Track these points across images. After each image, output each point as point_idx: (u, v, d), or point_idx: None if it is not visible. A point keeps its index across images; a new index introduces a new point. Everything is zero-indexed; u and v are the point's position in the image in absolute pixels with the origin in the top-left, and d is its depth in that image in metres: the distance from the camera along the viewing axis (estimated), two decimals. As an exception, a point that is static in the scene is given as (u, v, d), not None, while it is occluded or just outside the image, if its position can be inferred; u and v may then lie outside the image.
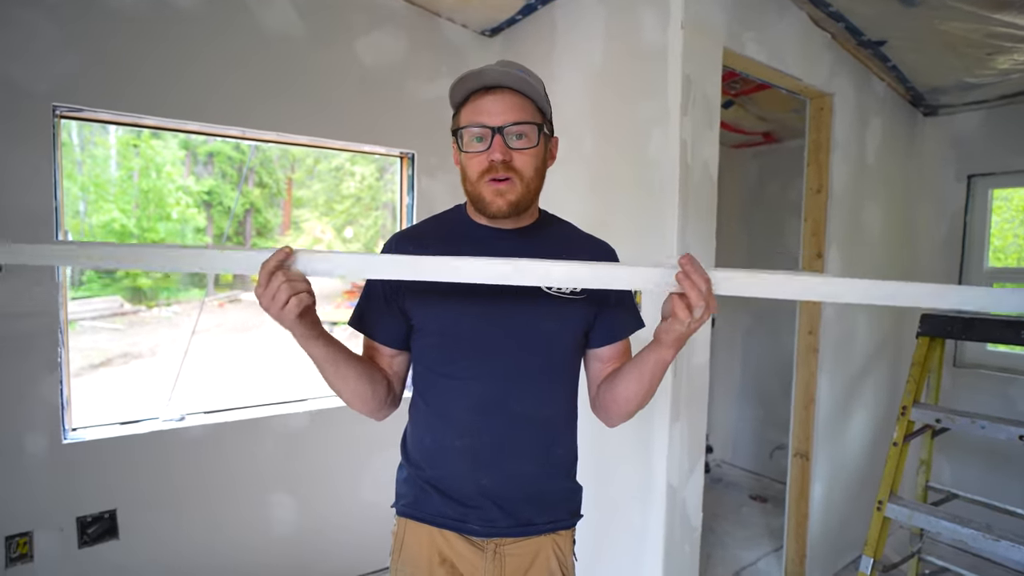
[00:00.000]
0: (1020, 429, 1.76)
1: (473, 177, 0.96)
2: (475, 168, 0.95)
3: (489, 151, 0.92)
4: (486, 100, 0.93)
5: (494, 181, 0.94)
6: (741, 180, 4.00)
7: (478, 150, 0.94)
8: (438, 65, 2.53)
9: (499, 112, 0.93)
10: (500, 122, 0.92)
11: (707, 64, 1.85)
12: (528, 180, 0.96)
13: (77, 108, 1.81)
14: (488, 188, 0.94)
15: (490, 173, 0.93)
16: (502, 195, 0.94)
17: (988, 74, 2.45)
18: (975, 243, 3.00)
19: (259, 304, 0.82)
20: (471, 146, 0.94)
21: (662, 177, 1.82)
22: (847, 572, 2.67)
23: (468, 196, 1.00)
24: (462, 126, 0.95)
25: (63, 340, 1.86)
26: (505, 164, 0.93)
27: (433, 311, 0.99)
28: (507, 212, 0.95)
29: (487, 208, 0.96)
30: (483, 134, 0.93)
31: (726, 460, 4.10)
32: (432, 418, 1.03)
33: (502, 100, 0.93)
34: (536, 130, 0.95)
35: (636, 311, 1.12)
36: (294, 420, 2.28)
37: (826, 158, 2.42)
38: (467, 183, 0.98)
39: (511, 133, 0.93)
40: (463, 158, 0.97)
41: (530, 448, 1.01)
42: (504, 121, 0.92)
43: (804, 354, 2.52)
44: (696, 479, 1.96)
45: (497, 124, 0.92)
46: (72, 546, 1.85)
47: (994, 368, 2.91)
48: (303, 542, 2.31)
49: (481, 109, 0.93)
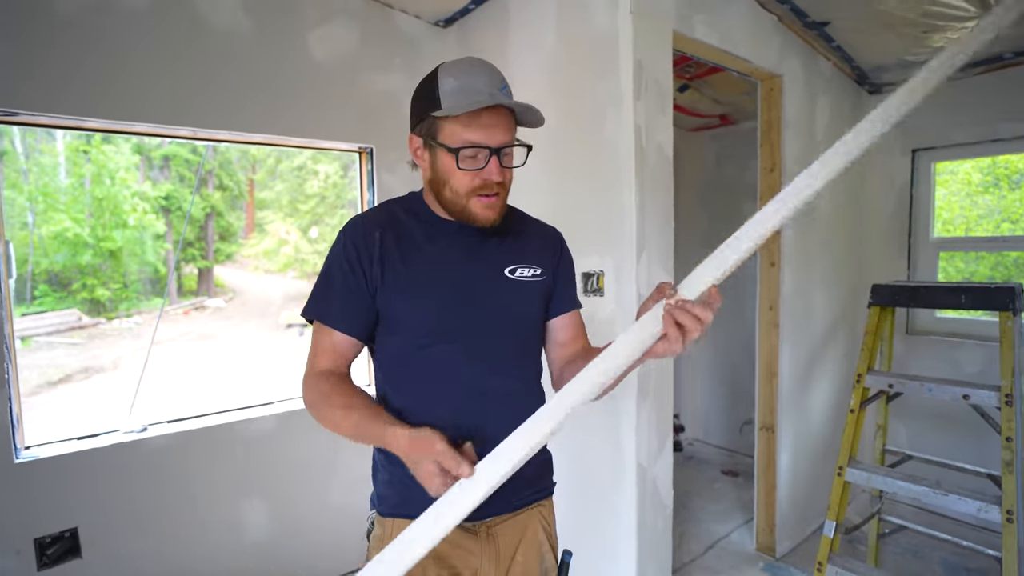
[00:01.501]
0: (963, 389, 1.85)
1: (461, 190, 0.96)
2: (465, 183, 0.95)
3: (485, 171, 0.94)
4: (485, 118, 0.92)
5: (484, 197, 0.96)
6: (699, 162, 4.07)
7: (473, 167, 0.94)
8: (392, 57, 2.50)
9: (498, 132, 0.93)
10: (498, 143, 0.94)
11: (658, 49, 1.87)
12: (508, 191, 1.01)
13: (11, 112, 1.73)
14: (478, 203, 0.96)
15: (483, 190, 0.95)
16: (492, 209, 0.97)
17: (925, 52, 2.54)
18: (921, 215, 3.13)
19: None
20: (465, 162, 0.94)
21: (619, 162, 1.84)
22: (815, 537, 2.77)
23: (448, 205, 0.99)
24: (462, 145, 0.93)
25: (9, 356, 1.78)
26: (499, 183, 0.96)
27: (401, 303, 0.98)
28: (496, 222, 0.99)
29: (475, 220, 0.97)
30: (479, 152, 0.94)
31: (698, 438, 4.20)
32: (410, 411, 1.01)
33: (499, 118, 0.94)
34: (522, 149, 1.00)
35: (575, 291, 1.18)
36: (261, 424, 2.24)
37: (778, 137, 2.48)
38: (447, 191, 0.97)
39: (505, 153, 0.96)
40: (445, 167, 0.96)
41: (510, 425, 1.02)
42: (501, 142, 0.94)
43: (765, 329, 2.59)
44: (666, 457, 2.00)
45: (496, 144, 0.93)
46: (31, 569, 1.79)
47: (943, 334, 3.04)
48: (276, 546, 2.28)
49: (481, 127, 0.92)
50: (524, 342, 1.07)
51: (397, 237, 1.01)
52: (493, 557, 1.03)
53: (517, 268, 1.05)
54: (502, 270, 1.04)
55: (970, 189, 3.28)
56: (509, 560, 1.05)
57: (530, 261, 1.07)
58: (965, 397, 1.84)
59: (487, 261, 1.04)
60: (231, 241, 12.91)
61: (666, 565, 2.04)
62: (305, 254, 12.33)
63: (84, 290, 9.93)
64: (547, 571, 1.10)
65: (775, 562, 2.55)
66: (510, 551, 1.05)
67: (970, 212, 3.28)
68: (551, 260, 1.12)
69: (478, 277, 1.01)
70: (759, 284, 2.60)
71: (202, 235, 12.17)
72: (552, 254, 1.13)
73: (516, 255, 1.06)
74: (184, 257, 11.63)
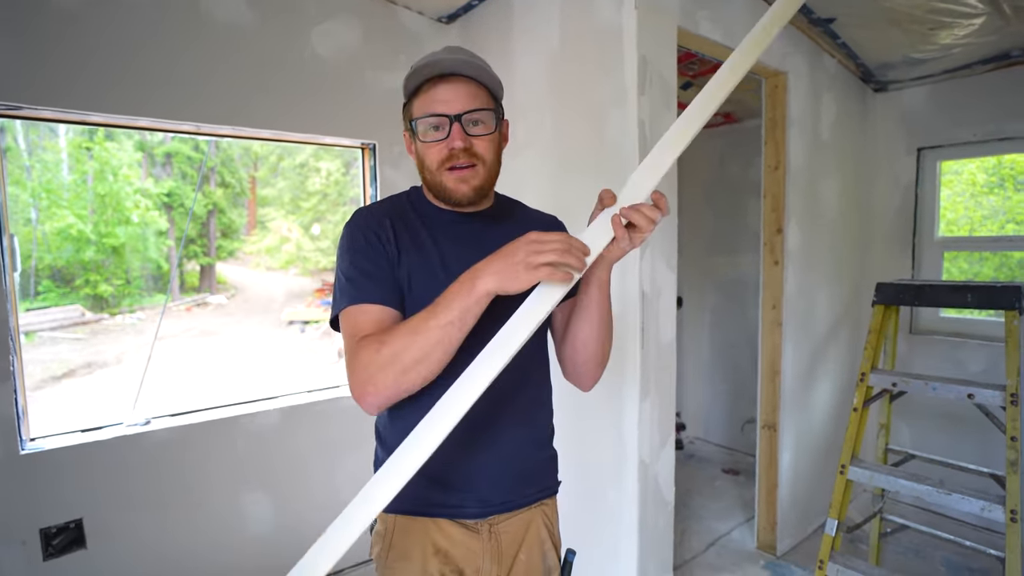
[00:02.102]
0: (968, 388, 1.85)
1: (433, 166, 0.95)
2: (434, 157, 0.95)
3: (448, 139, 0.93)
4: (441, 89, 0.93)
5: (455, 169, 0.94)
6: (704, 161, 4.06)
7: (436, 139, 0.94)
8: (395, 53, 2.49)
9: (456, 100, 0.92)
10: (458, 109, 0.92)
11: (662, 43, 1.86)
12: (490, 165, 0.98)
13: (14, 106, 1.73)
14: (449, 177, 0.95)
15: (451, 161, 0.94)
16: (466, 182, 0.95)
17: (932, 49, 2.53)
18: (926, 214, 3.12)
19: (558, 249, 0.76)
20: (428, 135, 0.94)
21: (622, 158, 1.84)
22: (816, 535, 2.77)
23: (428, 185, 1.00)
24: (417, 116, 0.95)
25: (15, 348, 1.79)
26: (467, 151, 0.93)
27: (413, 292, 0.95)
28: (472, 198, 0.97)
29: (450, 196, 0.96)
30: (440, 123, 0.93)
31: (699, 436, 4.20)
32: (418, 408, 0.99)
33: (457, 88, 0.93)
34: (492, 116, 0.97)
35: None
36: (264, 418, 2.24)
37: (782, 135, 2.47)
38: (426, 172, 0.98)
39: (468, 120, 0.94)
40: (420, 148, 0.97)
41: (516, 423, 1.02)
42: (462, 108, 0.93)
43: (768, 328, 2.58)
44: (667, 455, 2.00)
45: (455, 112, 0.92)
46: (36, 559, 1.80)
47: (946, 333, 3.03)
48: (280, 540, 2.29)
49: (436, 98, 0.93)
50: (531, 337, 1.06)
51: (404, 225, 1.00)
52: (495, 556, 1.02)
53: None
54: None
55: (975, 190, 3.26)
56: (512, 559, 1.04)
57: None
58: (970, 396, 1.83)
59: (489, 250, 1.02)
60: (233, 238, 12.93)
61: (667, 562, 2.04)
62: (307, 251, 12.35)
63: (87, 286, 9.96)
64: (550, 570, 1.09)
65: (776, 560, 2.55)
66: (512, 550, 1.04)
67: (974, 213, 3.27)
68: None
69: None
70: (762, 283, 2.59)
71: (204, 232, 12.19)
72: None
73: None
74: (186, 254, 11.66)
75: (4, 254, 1.75)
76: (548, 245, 0.76)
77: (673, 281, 1.98)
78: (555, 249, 0.75)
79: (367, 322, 0.90)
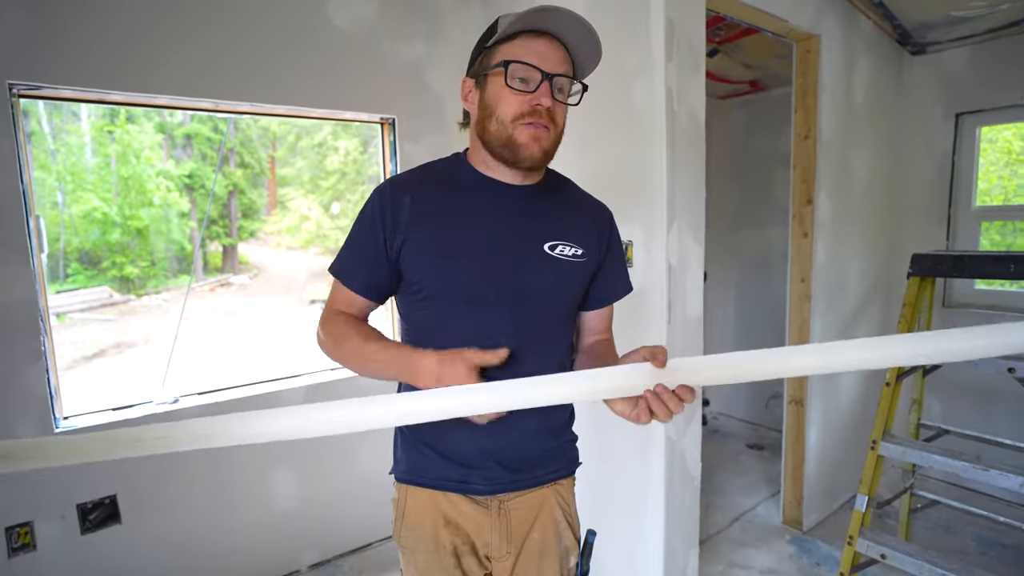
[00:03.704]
0: (1008, 362, 1.78)
1: (507, 117, 0.89)
2: (512, 108, 0.89)
3: (536, 94, 0.88)
4: (540, 43, 0.89)
5: (532, 125, 0.89)
6: (729, 131, 3.94)
7: (522, 89, 0.89)
8: (414, 25, 2.43)
9: (553, 60, 0.89)
10: (552, 69, 0.89)
11: (691, 6, 1.79)
12: (560, 134, 0.94)
13: (35, 85, 1.73)
14: (524, 131, 0.89)
15: (532, 116, 0.88)
16: (538, 141, 0.90)
17: (977, 5, 2.39)
18: (963, 183, 2.99)
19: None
20: (515, 83, 0.89)
21: (649, 127, 1.77)
22: (842, 511, 2.74)
23: (494, 139, 0.92)
24: (511, 59, 0.88)
25: (46, 329, 1.82)
26: (548, 112, 0.89)
27: (431, 268, 0.94)
28: (540, 161, 0.92)
29: (519, 152, 0.90)
30: (532, 75, 0.88)
31: (723, 412, 4.17)
32: None
33: (556, 49, 0.90)
34: (578, 87, 0.96)
35: (627, 275, 1.13)
36: (289, 396, 2.27)
37: (814, 102, 2.37)
38: (492, 123, 0.91)
39: (557, 84, 0.91)
40: (493, 95, 0.91)
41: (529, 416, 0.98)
42: (555, 69, 0.89)
43: (797, 301, 2.52)
44: (694, 430, 1.98)
45: (550, 70, 0.89)
46: (75, 533, 1.86)
47: (982, 306, 2.93)
48: (306, 516, 2.33)
49: (534, 51, 0.88)
50: (554, 323, 1.01)
51: (429, 199, 0.96)
52: (505, 532, 1.02)
53: (558, 244, 0.98)
54: (542, 244, 0.97)
55: (1010, 158, 3.11)
56: (523, 537, 1.03)
57: (574, 239, 1.00)
58: (1010, 370, 1.77)
59: (527, 230, 0.97)
60: (254, 218, 13.03)
61: (693, 538, 2.03)
62: (327, 230, 12.41)
63: (114, 268, 10.15)
64: (567, 550, 1.07)
65: (802, 535, 2.53)
66: (524, 528, 1.03)
67: (1009, 182, 3.12)
68: (597, 243, 1.04)
69: (514, 246, 0.95)
70: (791, 255, 2.52)
71: (225, 213, 12.31)
72: (599, 237, 1.05)
73: (560, 229, 0.99)
74: (208, 235, 11.79)
75: (31, 236, 1.77)
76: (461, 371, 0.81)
77: (700, 255, 1.93)
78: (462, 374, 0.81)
79: (341, 299, 1.00)
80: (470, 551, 1.02)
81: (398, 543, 1.06)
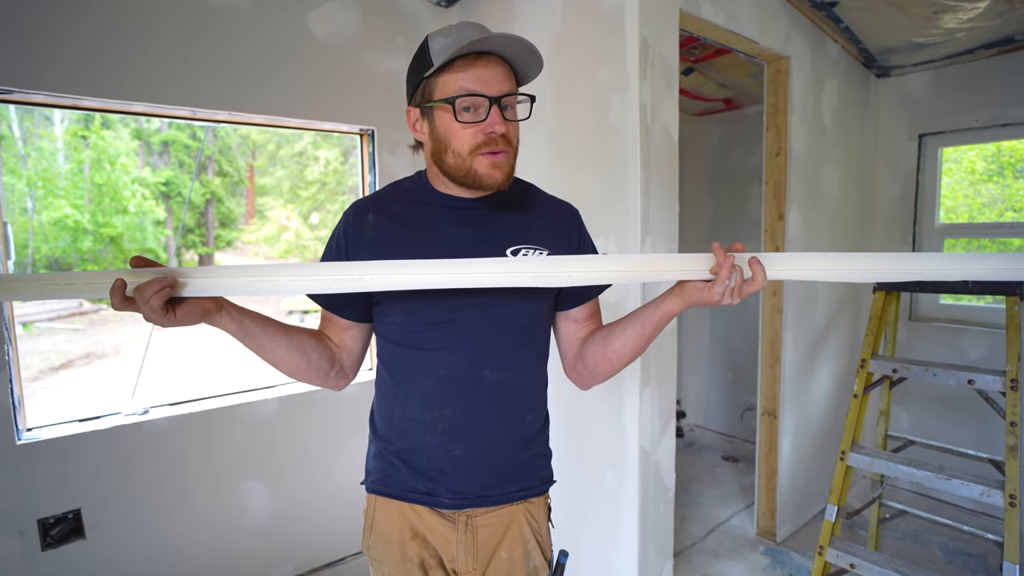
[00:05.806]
0: (968, 374, 1.84)
1: (464, 150, 0.88)
2: (467, 142, 0.88)
3: (488, 122, 0.86)
4: (480, 66, 0.86)
5: (490, 154, 0.88)
6: (704, 148, 4.03)
7: (472, 120, 0.87)
8: (393, 37, 2.46)
9: (496, 80, 0.87)
10: (497, 91, 0.87)
11: (664, 25, 1.84)
12: (516, 150, 0.93)
13: (6, 90, 1.70)
14: (483, 162, 0.88)
15: (488, 147, 0.87)
16: (499, 168, 0.89)
17: (935, 33, 2.50)
18: (927, 201, 3.10)
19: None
20: (464, 115, 0.87)
21: (624, 143, 1.81)
22: (815, 521, 2.79)
23: (453, 172, 0.91)
24: (455, 94, 0.86)
25: (10, 338, 1.77)
26: (503, 137, 0.88)
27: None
28: (504, 184, 0.91)
29: (481, 182, 0.89)
30: (478, 103, 0.86)
31: (699, 424, 4.21)
32: (400, 391, 1.00)
33: (495, 66, 0.87)
34: (526, 101, 0.93)
35: None
36: (262, 407, 2.24)
37: (784, 121, 2.45)
38: (449, 155, 0.90)
39: (505, 103, 0.89)
40: (445, 129, 0.89)
41: (500, 417, 0.99)
42: (500, 91, 0.87)
43: (769, 315, 2.58)
44: (668, 441, 2.00)
45: (495, 93, 0.86)
46: (35, 549, 1.79)
47: (946, 320, 3.03)
48: (279, 529, 2.29)
49: (475, 76, 0.86)
50: (521, 330, 0.99)
51: (392, 216, 0.97)
52: (471, 548, 1.00)
53: (521, 248, 0.96)
54: (504, 249, 0.95)
55: (973, 178, 3.24)
56: (490, 554, 1.01)
57: (538, 241, 0.98)
58: (970, 382, 1.83)
59: (489, 237, 0.97)
60: (231, 227, 12.86)
61: (668, 548, 2.04)
62: (306, 240, 12.29)
63: (85, 276, 9.89)
64: (536, 570, 1.05)
65: (775, 546, 2.57)
66: (491, 545, 1.01)
67: (973, 201, 3.25)
68: (566, 241, 1.03)
69: (476, 254, 0.93)
70: (763, 269, 2.57)
71: (202, 221, 12.13)
72: (568, 236, 1.03)
73: (523, 233, 0.98)
74: (184, 243, 11.60)
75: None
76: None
77: (674, 268, 1.96)
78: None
79: (322, 319, 1.06)
80: (438, 565, 1.01)
81: (367, 554, 1.06)
